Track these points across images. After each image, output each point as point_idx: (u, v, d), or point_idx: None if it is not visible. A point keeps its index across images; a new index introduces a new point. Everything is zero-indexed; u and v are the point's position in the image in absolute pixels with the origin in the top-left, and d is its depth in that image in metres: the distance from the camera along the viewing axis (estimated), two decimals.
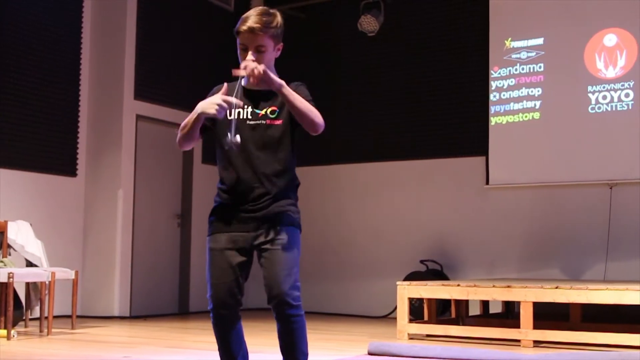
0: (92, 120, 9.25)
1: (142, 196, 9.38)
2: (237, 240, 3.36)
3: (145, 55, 9.41)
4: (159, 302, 9.57)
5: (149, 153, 9.52)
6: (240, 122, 3.39)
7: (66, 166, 9.00)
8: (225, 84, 3.34)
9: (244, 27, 3.34)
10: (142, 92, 9.34)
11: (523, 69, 9.06)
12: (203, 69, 10.00)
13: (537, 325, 6.43)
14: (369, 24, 9.36)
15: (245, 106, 3.39)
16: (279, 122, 3.38)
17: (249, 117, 3.40)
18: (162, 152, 9.70)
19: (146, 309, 9.31)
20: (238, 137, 3.23)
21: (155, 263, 9.58)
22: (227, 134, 3.25)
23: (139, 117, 9.34)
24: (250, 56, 3.33)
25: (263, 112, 3.38)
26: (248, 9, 3.45)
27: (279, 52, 3.45)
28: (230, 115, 3.32)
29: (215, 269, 3.36)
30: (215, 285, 3.35)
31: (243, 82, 3.35)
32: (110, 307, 8.96)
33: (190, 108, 3.35)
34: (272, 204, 3.35)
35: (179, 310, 9.76)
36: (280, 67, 3.49)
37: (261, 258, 3.35)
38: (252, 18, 3.34)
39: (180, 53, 9.89)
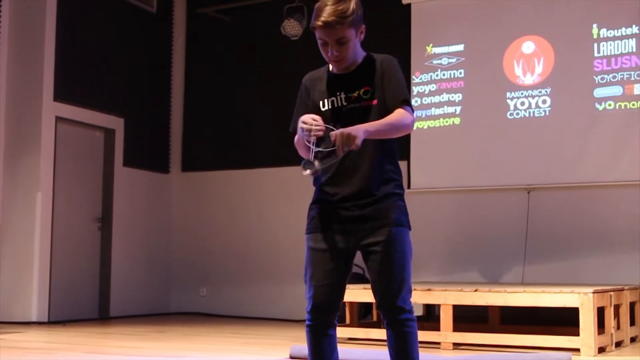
0: (10, 122, 9.06)
1: (61, 199, 9.22)
2: (339, 241, 3.21)
3: (65, 56, 9.25)
4: (78, 306, 9.42)
5: (68, 155, 9.36)
6: (336, 110, 3.22)
7: None
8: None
9: (319, 22, 3.12)
10: (62, 94, 9.18)
11: (444, 74, 9.19)
12: (124, 70, 9.88)
13: (456, 328, 6.52)
14: (292, 27, 9.36)
15: (337, 93, 3.23)
16: (374, 102, 3.20)
17: (344, 102, 3.22)
18: (82, 154, 9.52)
19: (65, 314, 9.15)
20: (317, 163, 3.01)
21: (75, 267, 9.42)
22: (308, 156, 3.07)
23: (58, 119, 9.17)
24: (333, 51, 3.16)
25: (356, 94, 3.20)
26: (170, 10, 3.36)
27: (362, 35, 3.27)
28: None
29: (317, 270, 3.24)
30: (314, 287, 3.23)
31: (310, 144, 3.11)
32: (28, 312, 8.79)
33: (111, 110, 3.29)
34: (377, 200, 3.16)
35: (99, 315, 9.60)
36: (208, 68, 3.45)
37: (368, 260, 3.22)
38: (326, 10, 3.11)
39: (101, 54, 9.74)
